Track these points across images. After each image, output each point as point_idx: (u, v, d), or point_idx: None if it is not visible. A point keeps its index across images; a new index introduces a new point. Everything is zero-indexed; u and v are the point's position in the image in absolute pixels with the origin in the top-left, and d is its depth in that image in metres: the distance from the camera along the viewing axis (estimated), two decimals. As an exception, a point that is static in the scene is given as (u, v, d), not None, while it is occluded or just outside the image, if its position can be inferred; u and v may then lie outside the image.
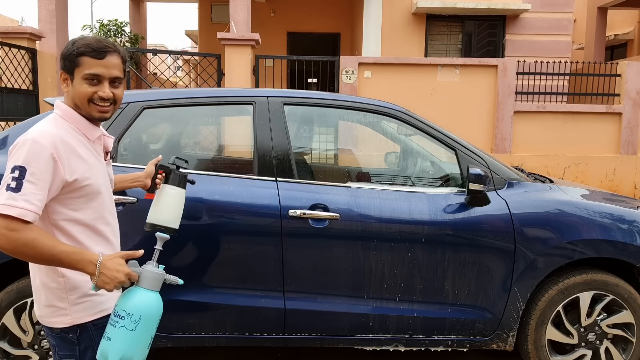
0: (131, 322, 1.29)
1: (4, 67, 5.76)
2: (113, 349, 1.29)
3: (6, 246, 1.19)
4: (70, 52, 1.32)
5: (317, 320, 2.24)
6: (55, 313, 1.34)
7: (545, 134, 6.48)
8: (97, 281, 1.24)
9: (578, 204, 2.33)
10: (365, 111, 2.47)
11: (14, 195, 1.18)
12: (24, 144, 1.23)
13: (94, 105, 1.33)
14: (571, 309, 2.32)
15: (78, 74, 1.31)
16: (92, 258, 1.24)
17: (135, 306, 1.30)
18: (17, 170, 1.20)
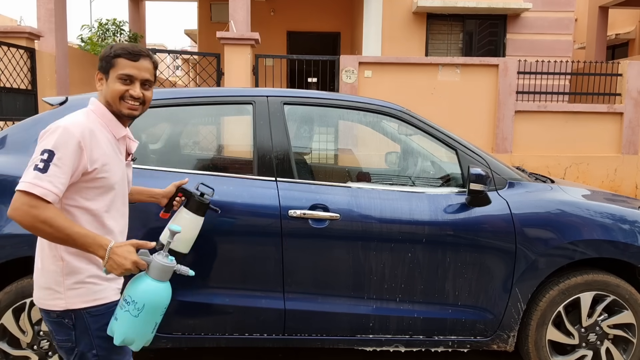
0: (135, 309, 1.35)
1: (3, 66, 5.75)
2: (118, 330, 1.36)
3: (25, 221, 1.27)
4: (107, 54, 1.45)
5: (317, 321, 2.23)
6: (51, 296, 1.39)
7: (546, 134, 6.47)
8: (108, 266, 1.31)
9: (579, 204, 2.32)
10: (365, 111, 2.46)
11: (40, 175, 1.27)
12: (56, 130, 1.33)
13: (124, 102, 1.45)
14: (572, 309, 2.32)
15: (113, 74, 1.44)
16: (103, 243, 1.32)
17: (140, 294, 1.35)
18: (46, 153, 1.30)
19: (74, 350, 1.42)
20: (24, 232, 2.06)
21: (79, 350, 1.42)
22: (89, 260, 1.41)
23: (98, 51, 10.16)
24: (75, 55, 8.20)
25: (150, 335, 1.42)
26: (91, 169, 1.36)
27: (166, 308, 1.43)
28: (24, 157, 2.20)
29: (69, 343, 1.42)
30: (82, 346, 1.42)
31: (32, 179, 1.27)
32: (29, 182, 1.27)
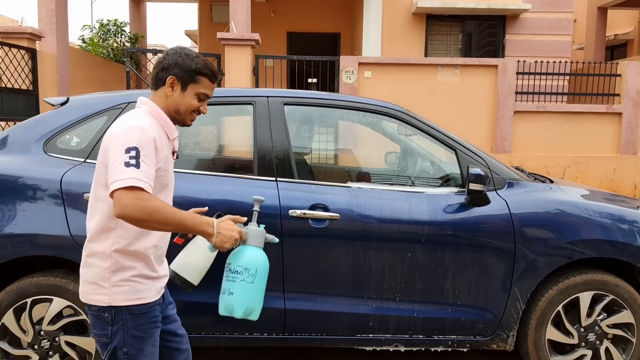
0: (249, 275, 1.45)
1: (4, 67, 5.75)
2: (237, 302, 1.45)
3: (138, 214, 1.31)
4: (190, 67, 1.48)
5: (317, 320, 2.24)
6: (96, 291, 1.43)
7: (546, 134, 6.48)
8: (216, 241, 1.42)
9: (578, 204, 2.33)
10: (365, 111, 2.47)
11: (136, 170, 1.32)
12: (133, 129, 1.37)
13: (191, 115, 1.53)
14: (571, 309, 2.32)
15: (193, 89, 1.50)
16: (209, 221, 1.43)
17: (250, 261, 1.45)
18: (132, 150, 1.34)
19: (108, 345, 1.46)
20: (24, 232, 2.09)
21: (112, 346, 1.45)
22: (137, 259, 1.45)
23: (99, 52, 10.18)
24: (76, 55, 8.21)
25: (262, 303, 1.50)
26: (157, 167, 1.42)
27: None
28: (24, 157, 2.21)
29: (105, 338, 1.46)
30: (116, 342, 1.45)
31: (131, 174, 1.31)
32: (131, 178, 1.30)
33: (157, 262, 1.52)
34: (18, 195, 2.13)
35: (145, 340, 1.46)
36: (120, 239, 1.42)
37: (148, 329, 1.47)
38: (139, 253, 1.45)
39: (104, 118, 2.28)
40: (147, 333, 1.47)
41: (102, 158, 1.41)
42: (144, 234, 1.44)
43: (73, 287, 2.13)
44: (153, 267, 1.49)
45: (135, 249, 1.44)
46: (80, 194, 2.12)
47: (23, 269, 2.28)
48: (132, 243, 1.43)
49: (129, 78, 6.31)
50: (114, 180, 1.31)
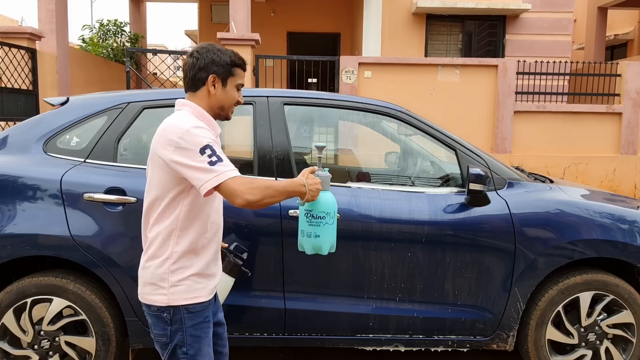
0: (330, 218, 1.63)
1: (4, 67, 5.75)
2: (324, 243, 1.65)
3: (259, 195, 1.39)
4: (227, 61, 1.51)
5: (317, 320, 2.24)
6: (155, 291, 1.48)
7: (546, 134, 6.47)
8: (308, 197, 1.52)
9: (578, 204, 2.33)
10: (365, 111, 2.47)
11: (224, 163, 1.39)
12: (193, 129, 1.40)
13: (232, 108, 1.57)
14: (571, 309, 2.32)
15: (232, 82, 1.54)
16: (300, 181, 1.51)
17: (329, 206, 1.62)
18: (207, 149, 1.39)
19: (168, 345, 1.49)
20: (24, 232, 2.09)
21: (171, 345, 1.49)
22: (195, 258, 1.49)
23: (99, 52, 10.18)
24: (76, 55, 8.21)
25: None
26: None
27: None
28: (24, 157, 2.21)
29: (164, 338, 1.49)
30: (175, 341, 1.48)
31: (224, 168, 1.38)
32: (228, 170, 1.38)
33: (213, 261, 1.56)
34: (18, 195, 2.13)
35: (203, 339, 1.50)
36: (180, 239, 1.47)
37: (204, 328, 1.51)
38: (197, 251, 1.49)
39: (104, 118, 2.28)
40: (203, 332, 1.51)
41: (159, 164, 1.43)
42: (201, 232, 1.49)
43: (73, 287, 2.13)
44: (209, 265, 1.53)
45: (193, 248, 1.48)
46: (80, 194, 2.12)
47: (23, 269, 2.28)
48: (191, 242, 1.47)
49: (129, 78, 6.31)
50: (207, 180, 1.36)
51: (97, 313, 2.14)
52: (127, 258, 2.12)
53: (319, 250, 1.68)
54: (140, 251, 2.13)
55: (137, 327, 2.18)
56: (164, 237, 1.47)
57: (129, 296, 2.14)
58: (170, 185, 1.44)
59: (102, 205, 2.12)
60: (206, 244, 1.52)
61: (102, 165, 2.21)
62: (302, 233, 1.67)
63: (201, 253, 1.50)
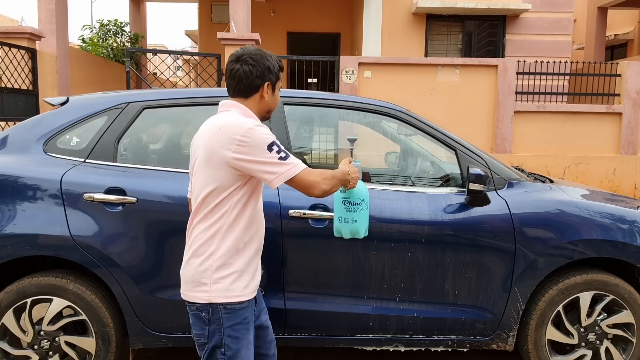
0: (365, 204, 1.78)
1: (4, 67, 5.75)
2: (361, 227, 1.80)
3: (330, 185, 1.52)
4: (277, 68, 1.59)
5: (317, 320, 2.24)
6: (197, 288, 1.49)
7: (546, 134, 6.48)
8: (351, 184, 1.66)
9: (578, 204, 2.33)
10: (365, 111, 2.47)
11: (292, 158, 1.47)
12: (255, 127, 1.45)
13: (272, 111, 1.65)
14: (571, 309, 2.32)
15: (278, 87, 1.63)
16: (345, 170, 1.63)
17: (364, 193, 1.78)
18: (273, 145, 1.45)
19: (205, 345, 1.49)
20: (24, 232, 2.09)
21: (209, 346, 1.48)
22: (239, 255, 1.51)
23: (99, 52, 10.18)
24: (76, 55, 8.21)
25: None
26: None
27: None
28: (24, 157, 2.21)
29: (202, 338, 1.49)
30: (214, 342, 1.48)
31: (291, 162, 1.45)
32: (299, 164, 1.46)
33: (254, 259, 1.57)
34: (18, 195, 2.13)
35: (241, 341, 1.49)
36: (226, 236, 1.48)
37: (243, 329, 1.51)
38: (240, 249, 1.51)
39: (104, 118, 2.28)
40: (242, 333, 1.50)
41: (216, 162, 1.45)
42: (245, 229, 1.51)
43: (73, 287, 2.13)
44: (250, 263, 1.54)
45: (237, 245, 1.50)
46: (80, 194, 2.12)
47: (23, 269, 2.28)
48: (235, 239, 1.49)
49: (129, 78, 6.31)
50: (282, 173, 1.44)
51: (97, 313, 2.14)
52: (127, 258, 2.12)
53: (356, 234, 1.82)
54: (140, 251, 2.14)
55: (137, 327, 2.18)
56: (212, 234, 1.48)
57: (129, 296, 2.14)
58: (227, 183, 1.46)
59: (102, 205, 2.12)
60: (248, 241, 1.53)
61: (102, 165, 2.21)
62: (339, 220, 1.81)
63: (244, 250, 1.52)
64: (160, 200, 2.15)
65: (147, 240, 2.14)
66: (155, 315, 2.18)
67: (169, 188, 2.15)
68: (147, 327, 2.19)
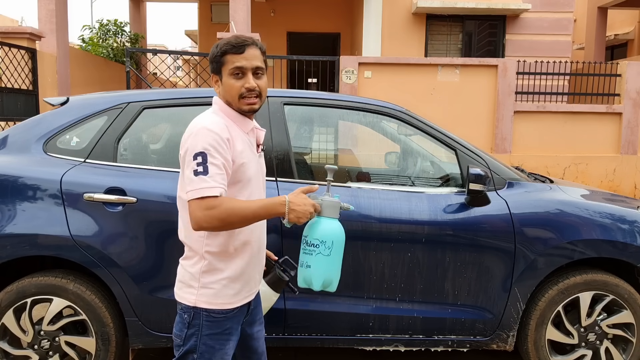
0: (326, 248, 1.43)
1: (4, 67, 5.75)
2: (315, 275, 1.45)
3: (216, 223, 1.32)
4: (215, 54, 1.43)
5: (317, 320, 2.24)
6: (184, 290, 1.46)
7: (546, 134, 6.48)
8: (292, 217, 1.39)
9: (578, 204, 2.33)
10: (365, 111, 2.47)
11: (204, 178, 1.31)
12: (199, 131, 1.36)
13: (243, 100, 1.43)
14: (571, 309, 2.32)
15: (225, 72, 1.43)
16: (280, 200, 1.39)
17: (326, 233, 1.44)
18: (199, 156, 1.33)
19: (180, 347, 1.46)
20: (24, 232, 2.09)
21: (183, 348, 1.45)
22: (229, 260, 1.44)
23: (99, 52, 10.18)
24: (76, 55, 8.21)
25: (339, 275, 1.49)
26: (234, 163, 1.40)
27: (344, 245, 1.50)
28: (24, 157, 2.21)
29: (179, 339, 1.47)
30: (188, 346, 1.45)
31: (200, 184, 1.31)
32: (201, 188, 1.31)
33: (249, 266, 1.49)
34: (18, 195, 2.13)
35: (217, 351, 1.45)
36: (209, 241, 1.43)
37: (221, 340, 1.46)
38: (229, 254, 1.44)
39: (104, 118, 2.28)
40: (219, 344, 1.45)
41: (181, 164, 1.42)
42: (231, 234, 1.43)
43: (73, 287, 2.13)
44: (244, 270, 1.47)
45: (225, 250, 1.44)
46: (80, 194, 2.12)
47: (23, 269, 2.28)
48: (221, 244, 1.43)
49: (129, 78, 6.31)
50: (187, 191, 1.33)
51: (97, 313, 2.14)
52: (127, 258, 2.12)
53: (310, 284, 1.48)
54: (140, 251, 2.14)
55: (137, 327, 2.18)
56: (195, 238, 1.44)
57: (129, 296, 2.14)
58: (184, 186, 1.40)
59: (102, 205, 2.12)
60: (240, 246, 1.45)
61: (102, 165, 2.21)
62: (300, 261, 1.50)
63: (235, 255, 1.45)
64: (160, 200, 2.15)
65: (147, 240, 2.14)
66: (155, 315, 2.18)
67: (169, 188, 2.14)
68: (147, 327, 2.19)
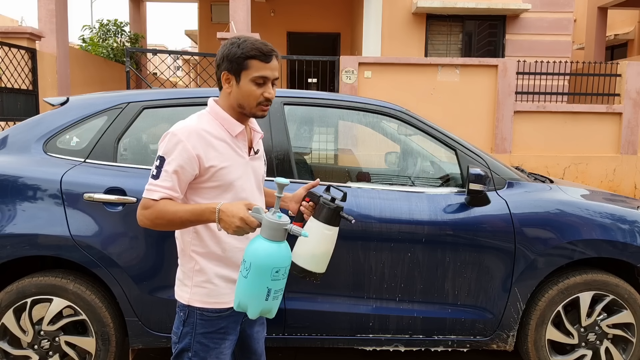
0: (244, 268, 1.30)
1: (4, 67, 5.75)
2: (235, 293, 1.34)
3: (147, 222, 1.38)
4: (237, 54, 1.38)
5: (317, 320, 2.24)
6: (180, 287, 1.49)
7: (545, 134, 6.48)
8: (222, 226, 1.32)
9: (578, 204, 2.33)
10: (365, 111, 2.47)
11: (152, 181, 1.38)
12: (165, 136, 1.40)
13: (259, 106, 1.42)
14: (571, 309, 2.32)
15: (246, 77, 1.39)
16: (211, 207, 1.33)
17: (249, 254, 1.30)
18: (158, 159, 1.38)
19: (176, 345, 1.48)
20: (24, 232, 2.09)
21: (179, 346, 1.47)
22: (217, 260, 1.44)
23: (99, 52, 10.18)
24: (76, 55, 8.21)
25: (265, 303, 1.32)
26: (204, 169, 1.38)
27: (280, 271, 1.31)
28: (24, 157, 2.21)
29: (175, 337, 1.48)
30: (183, 344, 1.46)
31: (148, 186, 1.38)
32: (146, 190, 1.37)
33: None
34: (18, 195, 2.13)
35: (211, 350, 1.45)
36: (197, 242, 1.44)
37: (215, 339, 1.45)
38: (220, 253, 1.44)
39: (103, 118, 2.28)
40: (214, 343, 1.45)
41: None
42: (219, 238, 1.43)
43: (73, 287, 2.13)
44: (236, 269, 1.45)
45: (211, 250, 1.44)
46: (80, 194, 2.12)
47: (23, 269, 2.28)
48: (215, 243, 1.43)
49: (129, 78, 6.31)
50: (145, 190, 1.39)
51: (97, 313, 2.14)
52: (127, 258, 2.12)
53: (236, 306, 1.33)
54: (140, 251, 2.14)
55: (137, 327, 2.18)
56: (184, 238, 1.46)
57: (129, 296, 2.14)
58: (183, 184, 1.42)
59: (102, 205, 2.12)
60: (231, 250, 1.45)
61: (102, 165, 2.21)
62: None
63: (225, 258, 1.45)
64: (160, 200, 2.15)
65: (146, 240, 2.14)
66: (155, 315, 2.18)
67: (169, 188, 2.14)
68: (147, 327, 2.19)
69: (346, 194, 1.63)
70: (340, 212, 1.51)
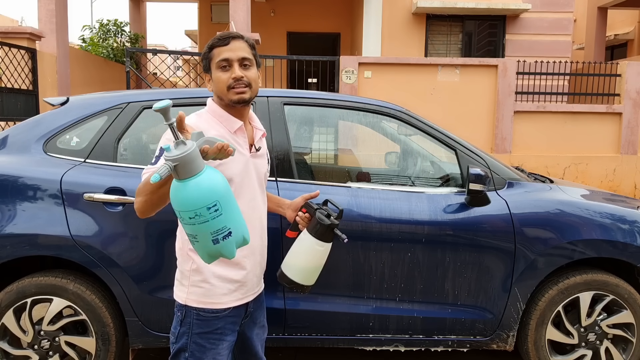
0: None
1: (4, 67, 5.75)
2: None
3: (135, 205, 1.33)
4: (204, 52, 1.45)
5: (317, 320, 2.24)
6: (178, 287, 1.49)
7: (545, 134, 6.48)
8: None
9: (578, 204, 2.33)
10: (365, 111, 2.47)
11: (149, 166, 1.38)
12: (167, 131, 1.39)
13: (232, 90, 1.42)
14: (571, 309, 2.32)
15: (213, 67, 1.44)
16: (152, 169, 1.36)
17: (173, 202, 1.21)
18: (158, 150, 1.40)
19: (173, 345, 1.48)
20: (24, 232, 2.09)
21: (176, 346, 1.47)
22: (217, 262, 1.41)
23: (99, 52, 10.18)
24: (76, 55, 8.21)
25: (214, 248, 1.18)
26: None
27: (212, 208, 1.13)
28: (24, 157, 2.21)
29: (172, 337, 1.49)
30: (180, 344, 1.46)
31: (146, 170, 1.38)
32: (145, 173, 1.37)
33: (242, 264, 1.47)
34: (18, 195, 2.13)
35: (208, 350, 1.44)
36: None
37: (212, 339, 1.44)
38: None
39: (103, 118, 2.28)
40: (210, 343, 1.44)
41: None
42: None
43: (73, 287, 2.13)
44: (238, 269, 1.46)
45: None
46: (80, 194, 2.12)
47: (23, 268, 2.28)
48: None
49: (129, 78, 6.31)
50: None
51: (97, 313, 2.14)
52: (127, 258, 2.12)
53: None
54: (140, 251, 2.14)
55: (137, 327, 2.18)
56: (182, 237, 1.47)
57: (129, 296, 2.14)
58: None
59: (102, 205, 2.12)
60: None
61: (102, 165, 2.21)
62: None
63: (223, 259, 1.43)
64: (160, 200, 2.15)
65: (147, 240, 2.14)
66: (155, 315, 2.18)
67: (169, 188, 2.14)
68: (147, 327, 2.19)
69: (342, 211, 1.59)
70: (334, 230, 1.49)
